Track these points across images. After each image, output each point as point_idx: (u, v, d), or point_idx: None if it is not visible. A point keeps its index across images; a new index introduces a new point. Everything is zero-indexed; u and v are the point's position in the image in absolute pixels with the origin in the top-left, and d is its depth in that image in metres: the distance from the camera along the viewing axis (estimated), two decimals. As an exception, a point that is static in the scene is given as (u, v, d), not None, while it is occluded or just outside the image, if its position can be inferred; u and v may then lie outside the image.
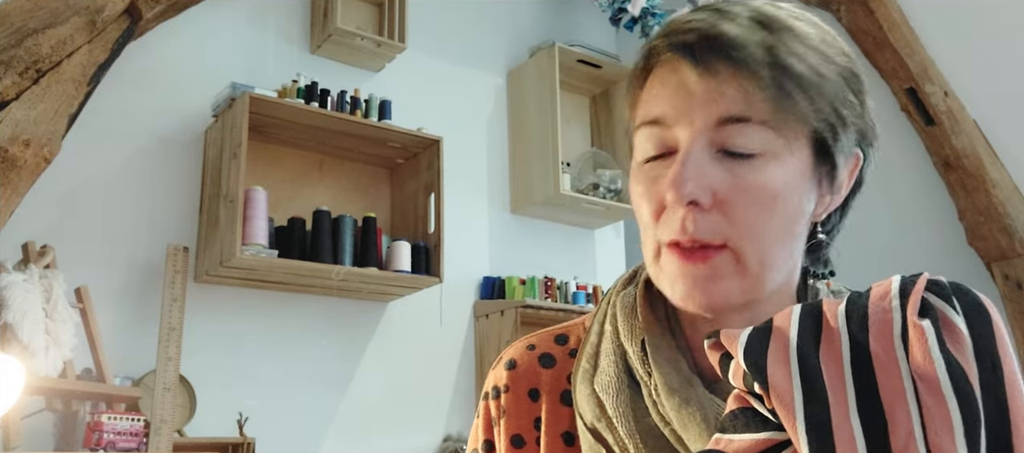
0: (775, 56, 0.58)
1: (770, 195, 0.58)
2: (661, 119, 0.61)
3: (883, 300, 0.48)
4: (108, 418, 2.18)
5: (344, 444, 2.80)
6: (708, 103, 0.59)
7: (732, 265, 0.59)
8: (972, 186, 2.78)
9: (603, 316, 0.71)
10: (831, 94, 0.60)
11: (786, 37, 0.60)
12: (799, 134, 0.59)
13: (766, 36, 0.59)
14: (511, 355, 0.75)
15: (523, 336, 0.78)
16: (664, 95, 0.61)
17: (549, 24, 3.73)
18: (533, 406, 0.71)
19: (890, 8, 2.95)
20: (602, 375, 0.65)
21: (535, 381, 0.72)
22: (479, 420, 0.75)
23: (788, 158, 0.59)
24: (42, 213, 2.40)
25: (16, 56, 2.13)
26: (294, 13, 3.05)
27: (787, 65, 0.58)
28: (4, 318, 2.05)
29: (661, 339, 0.65)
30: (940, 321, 0.46)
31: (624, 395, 0.63)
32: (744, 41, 0.58)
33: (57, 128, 2.26)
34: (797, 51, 0.59)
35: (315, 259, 2.61)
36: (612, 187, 3.40)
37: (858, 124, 0.63)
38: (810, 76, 0.59)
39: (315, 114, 2.70)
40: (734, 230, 0.58)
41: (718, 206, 0.58)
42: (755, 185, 0.58)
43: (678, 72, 0.60)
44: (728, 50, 0.58)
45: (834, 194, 0.64)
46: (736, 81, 0.58)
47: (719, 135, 0.59)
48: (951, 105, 2.85)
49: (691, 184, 0.58)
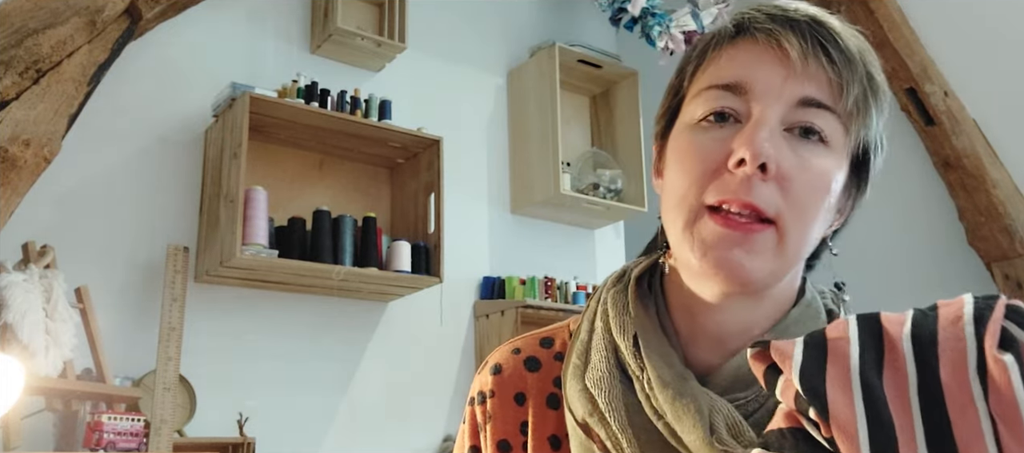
0: (867, 64, 0.62)
1: (825, 183, 0.61)
2: (739, 84, 0.62)
3: (955, 325, 0.45)
4: (108, 418, 2.18)
5: (344, 444, 2.81)
6: (801, 80, 0.61)
7: (773, 244, 0.60)
8: (972, 186, 2.78)
9: (593, 314, 0.71)
10: (877, 117, 0.64)
11: (869, 55, 0.64)
12: (852, 142, 0.63)
13: (860, 43, 0.63)
14: (496, 359, 0.75)
15: (508, 340, 0.78)
16: (748, 62, 0.62)
17: (549, 24, 3.73)
18: (519, 410, 0.71)
19: (890, 8, 2.95)
20: (593, 370, 0.65)
21: (521, 385, 0.72)
22: (465, 426, 0.75)
23: (841, 157, 0.62)
24: (42, 213, 2.40)
25: (16, 56, 2.13)
26: (294, 13, 3.05)
27: (873, 75, 0.62)
28: (4, 318, 2.05)
29: (653, 334, 0.66)
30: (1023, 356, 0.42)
31: (616, 390, 0.63)
32: (847, 40, 0.62)
33: (57, 128, 2.26)
34: (877, 66, 0.64)
35: (315, 259, 2.61)
36: (612, 187, 3.40)
37: (884, 151, 0.67)
38: (883, 91, 0.64)
39: (315, 114, 2.70)
40: (787, 206, 0.59)
41: (778, 179, 0.59)
42: (816, 168, 0.60)
43: (777, 46, 0.61)
44: (835, 39, 0.61)
45: (851, 209, 0.68)
46: (833, 70, 0.61)
47: (797, 115, 0.61)
48: (951, 105, 2.85)
49: (768, 146, 0.58)
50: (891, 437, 0.42)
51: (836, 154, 0.62)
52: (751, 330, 0.65)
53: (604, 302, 0.70)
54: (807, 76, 0.60)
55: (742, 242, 0.59)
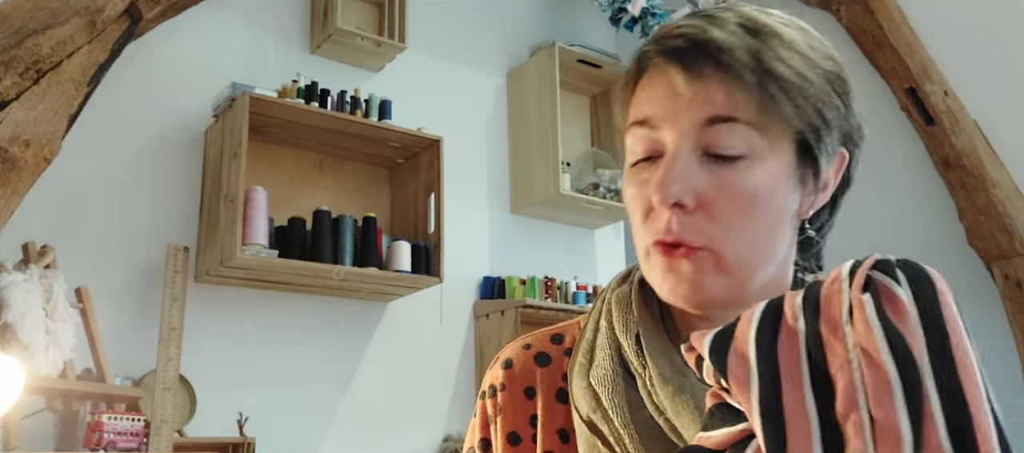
0: (760, 60, 0.61)
1: (751, 197, 0.61)
2: (649, 120, 0.64)
3: (834, 283, 0.50)
4: (108, 418, 2.18)
5: (344, 444, 2.81)
6: (695, 105, 0.61)
7: (712, 264, 0.62)
8: (972, 186, 2.78)
9: (598, 313, 0.72)
10: (815, 97, 0.63)
11: (772, 42, 0.62)
12: (783, 135, 0.62)
13: (752, 41, 0.61)
14: (507, 354, 0.76)
15: (519, 336, 0.79)
16: (653, 97, 0.64)
17: (549, 24, 3.73)
18: (529, 404, 0.72)
19: (890, 8, 2.95)
20: (598, 369, 0.67)
21: (531, 379, 0.73)
22: (476, 419, 0.76)
23: (770, 159, 0.62)
24: (42, 213, 2.40)
25: (16, 56, 2.13)
26: (294, 13, 3.05)
27: (772, 68, 0.61)
28: (4, 318, 2.05)
29: (655, 333, 0.67)
30: (880, 293, 0.47)
31: (619, 387, 0.65)
32: (731, 46, 0.61)
33: (57, 128, 2.26)
34: (782, 55, 0.61)
35: (315, 259, 2.61)
36: (612, 187, 3.41)
37: (842, 126, 0.66)
38: (794, 79, 0.61)
39: (315, 114, 2.70)
40: (716, 231, 0.61)
41: (702, 207, 0.61)
42: (738, 188, 0.61)
43: (667, 75, 0.63)
44: (716, 54, 0.61)
45: (819, 192, 0.66)
46: (723, 84, 0.60)
47: (705, 137, 0.61)
48: (951, 105, 2.85)
49: (677, 186, 0.60)
50: (776, 382, 0.47)
51: (761, 162, 0.61)
52: None
53: (608, 302, 0.72)
54: (699, 99, 0.61)
55: (685, 267, 0.62)
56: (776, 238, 0.64)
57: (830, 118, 0.64)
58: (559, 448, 0.69)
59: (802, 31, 0.65)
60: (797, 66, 0.62)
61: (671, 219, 0.61)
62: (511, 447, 0.72)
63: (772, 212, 0.62)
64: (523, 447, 0.71)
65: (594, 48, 3.52)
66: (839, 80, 0.65)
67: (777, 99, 0.60)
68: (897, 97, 2.99)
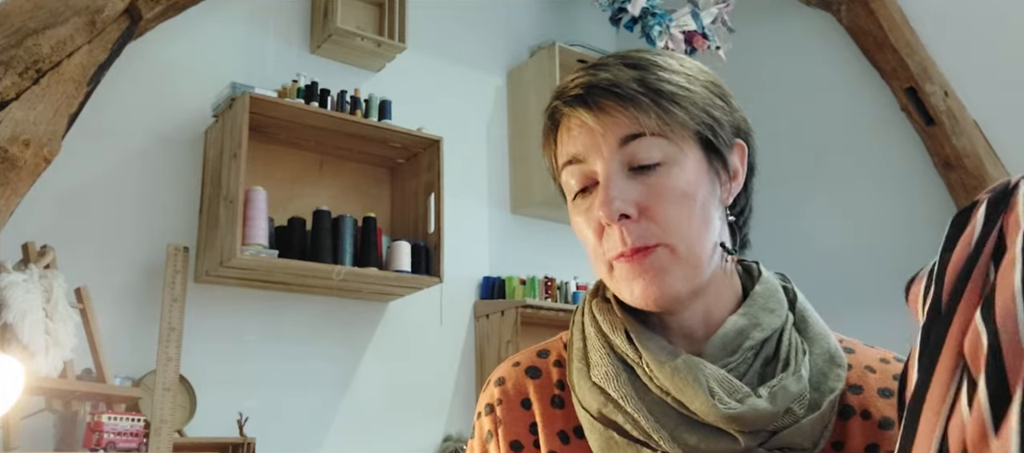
0: (647, 83, 0.71)
1: (681, 194, 0.70)
2: (576, 156, 0.73)
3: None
4: (108, 418, 2.18)
5: (344, 444, 2.81)
6: (608, 132, 0.71)
7: (669, 256, 0.70)
8: (972, 186, 2.78)
9: (581, 324, 0.80)
10: (701, 101, 0.73)
11: (652, 68, 0.73)
12: (686, 137, 0.72)
13: (635, 73, 0.72)
14: (499, 374, 0.83)
15: (507, 358, 0.88)
16: (574, 137, 0.74)
17: (549, 24, 3.73)
18: (527, 414, 0.79)
19: (890, 8, 2.95)
20: (597, 368, 0.74)
21: (525, 392, 0.80)
22: (474, 440, 0.83)
23: (684, 160, 0.71)
24: (42, 213, 2.40)
25: (16, 56, 2.13)
26: (294, 13, 3.05)
27: (658, 87, 0.71)
28: (4, 318, 2.05)
29: (641, 327, 0.75)
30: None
31: (623, 378, 0.71)
32: (620, 80, 0.72)
33: (57, 128, 2.26)
34: (663, 77, 0.73)
35: (315, 259, 2.61)
36: (612, 187, 3.40)
37: (730, 120, 0.76)
38: (678, 91, 0.72)
39: (315, 114, 2.70)
40: (662, 230, 0.70)
41: (644, 213, 0.70)
42: (667, 188, 0.70)
43: (579, 117, 0.73)
44: (611, 89, 0.71)
45: (732, 180, 0.76)
46: (624, 110, 0.71)
47: (625, 155, 0.71)
48: (951, 105, 2.85)
49: (617, 202, 0.70)
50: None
51: (677, 162, 0.71)
52: (712, 319, 0.75)
53: (590, 311, 0.79)
54: (610, 127, 0.71)
55: (647, 265, 0.70)
56: (709, 226, 0.72)
57: (718, 116, 0.74)
58: (560, 448, 0.76)
59: (675, 57, 0.76)
60: (678, 81, 0.73)
61: (622, 232, 0.70)
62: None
63: (701, 203, 0.71)
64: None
65: (594, 48, 3.52)
66: (716, 86, 0.76)
67: (670, 109, 0.71)
68: (897, 97, 2.99)
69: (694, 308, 0.74)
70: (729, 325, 0.73)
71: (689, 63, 0.77)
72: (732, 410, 0.66)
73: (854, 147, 3.07)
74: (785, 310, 0.76)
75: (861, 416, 0.72)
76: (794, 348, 0.73)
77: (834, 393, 0.70)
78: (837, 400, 0.70)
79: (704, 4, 3.12)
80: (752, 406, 0.66)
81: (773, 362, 0.72)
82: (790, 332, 0.74)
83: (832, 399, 0.70)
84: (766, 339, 0.73)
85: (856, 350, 0.78)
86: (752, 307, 0.75)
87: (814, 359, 0.72)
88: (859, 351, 0.78)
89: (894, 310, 2.87)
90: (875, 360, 0.77)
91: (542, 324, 3.08)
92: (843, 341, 0.79)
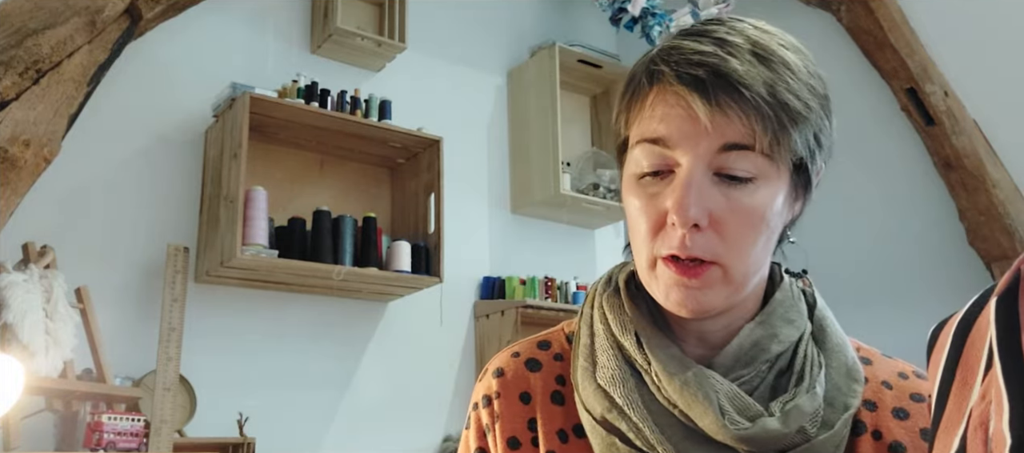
0: (775, 94, 0.64)
1: (759, 216, 0.66)
2: (664, 139, 0.66)
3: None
4: (108, 418, 2.18)
5: (344, 444, 2.81)
6: (715, 133, 0.64)
7: (721, 278, 0.66)
8: (972, 186, 2.78)
9: (590, 318, 0.76)
10: (815, 125, 0.67)
11: (783, 73, 0.65)
12: (786, 160, 0.66)
13: (767, 73, 0.65)
14: (497, 364, 0.79)
15: (506, 347, 0.82)
16: (669, 118, 0.66)
17: (549, 24, 3.73)
18: (525, 409, 0.75)
19: (890, 8, 2.95)
20: (603, 370, 0.70)
21: (524, 385, 0.76)
22: (470, 431, 0.78)
23: (776, 182, 0.66)
24: (42, 213, 2.40)
25: (16, 56, 2.13)
26: (294, 13, 3.05)
27: (786, 101, 0.64)
28: (4, 318, 2.05)
29: (652, 331, 0.71)
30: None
31: (630, 383, 0.68)
32: (750, 80, 0.64)
33: (57, 128, 2.26)
34: (793, 87, 0.65)
35: (315, 259, 2.61)
36: (612, 187, 3.40)
37: (828, 143, 0.70)
38: (802, 111, 0.65)
39: (315, 114, 2.70)
40: (725, 248, 0.65)
41: (713, 226, 0.65)
42: (747, 208, 0.65)
43: (686, 100, 0.65)
44: (737, 87, 0.63)
45: (804, 202, 0.72)
46: (743, 116, 0.63)
47: (719, 160, 0.65)
48: (951, 105, 2.85)
49: (694, 209, 0.64)
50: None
51: (767, 183, 0.66)
52: (731, 326, 0.71)
53: (600, 306, 0.75)
54: (719, 128, 0.64)
55: (694, 283, 0.66)
56: (768, 249, 0.69)
57: (824, 142, 0.69)
58: (560, 448, 0.72)
59: (799, 52, 0.69)
60: (804, 96, 0.66)
61: (685, 236, 0.64)
62: (512, 451, 0.74)
63: (771, 227, 0.67)
64: (523, 451, 0.74)
65: (594, 48, 3.52)
66: (827, 100, 0.70)
67: (789, 131, 0.64)
68: (897, 97, 2.98)
69: (717, 317, 0.71)
70: (745, 335, 0.70)
71: (811, 64, 0.70)
72: (743, 431, 0.63)
73: (854, 147, 3.07)
74: (804, 320, 0.73)
75: (872, 435, 0.69)
76: (810, 361, 0.69)
77: (849, 411, 0.67)
78: (851, 418, 0.68)
79: (704, 4, 3.11)
80: (763, 427, 0.63)
81: (787, 374, 0.69)
82: (807, 343, 0.71)
83: (846, 417, 0.67)
84: (782, 352, 0.70)
85: (874, 361, 0.75)
86: (771, 316, 0.71)
87: (830, 373, 0.69)
88: (877, 362, 0.75)
89: (893, 310, 2.87)
90: (893, 374, 0.74)
91: (542, 324, 3.08)
92: (861, 350, 0.76)
